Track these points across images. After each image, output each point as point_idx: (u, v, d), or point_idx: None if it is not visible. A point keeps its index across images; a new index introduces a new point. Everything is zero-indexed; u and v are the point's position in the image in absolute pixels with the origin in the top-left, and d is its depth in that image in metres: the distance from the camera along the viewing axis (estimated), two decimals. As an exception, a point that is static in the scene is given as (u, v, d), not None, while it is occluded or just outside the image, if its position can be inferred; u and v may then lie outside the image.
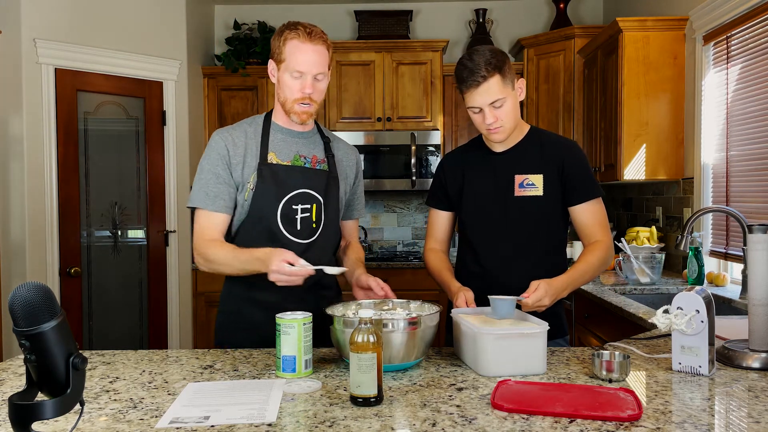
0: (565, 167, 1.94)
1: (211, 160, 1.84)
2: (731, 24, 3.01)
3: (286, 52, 1.79)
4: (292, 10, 4.92)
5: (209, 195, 1.83)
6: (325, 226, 1.90)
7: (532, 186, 1.95)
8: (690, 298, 1.50)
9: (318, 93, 1.82)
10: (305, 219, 1.87)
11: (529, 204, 1.95)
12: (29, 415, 0.88)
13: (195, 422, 1.22)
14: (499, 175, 1.98)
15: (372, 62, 4.54)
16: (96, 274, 3.90)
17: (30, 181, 3.54)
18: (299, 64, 1.77)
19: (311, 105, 1.82)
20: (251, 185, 1.84)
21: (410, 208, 4.99)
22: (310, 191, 1.87)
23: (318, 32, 1.80)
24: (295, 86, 1.79)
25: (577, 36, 4.13)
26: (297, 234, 1.86)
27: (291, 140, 1.89)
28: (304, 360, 1.52)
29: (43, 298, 0.88)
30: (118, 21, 3.95)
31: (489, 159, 2.00)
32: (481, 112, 1.86)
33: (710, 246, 3.25)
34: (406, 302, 1.77)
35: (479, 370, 1.53)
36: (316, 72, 1.79)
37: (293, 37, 1.78)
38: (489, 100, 1.83)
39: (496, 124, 1.86)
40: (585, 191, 1.94)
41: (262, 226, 1.84)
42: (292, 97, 1.81)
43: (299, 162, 1.89)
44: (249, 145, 1.86)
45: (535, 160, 1.96)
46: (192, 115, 4.40)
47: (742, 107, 3.01)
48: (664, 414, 1.24)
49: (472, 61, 1.83)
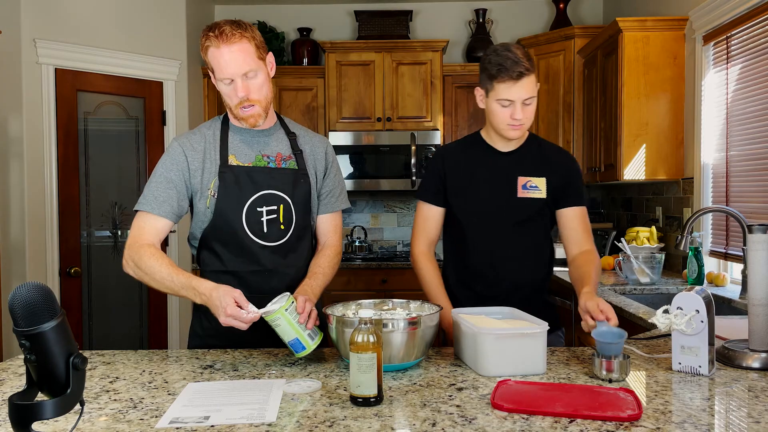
0: (566, 175, 2.00)
1: (166, 166, 1.78)
2: (731, 24, 3.01)
3: (209, 61, 1.71)
4: (293, 10, 4.92)
5: (157, 199, 1.75)
6: (296, 227, 1.82)
7: (535, 188, 1.97)
8: (690, 298, 1.50)
9: (256, 91, 1.73)
10: (272, 221, 1.79)
11: (531, 205, 1.98)
12: (29, 415, 0.88)
13: (195, 422, 1.22)
14: (504, 175, 1.99)
15: (372, 62, 4.54)
16: (96, 274, 3.90)
17: (30, 181, 3.54)
18: (222, 70, 1.68)
19: (254, 106, 1.73)
20: (212, 191, 1.77)
21: (410, 208, 4.99)
22: (275, 192, 1.79)
23: (229, 30, 1.67)
24: (230, 92, 1.72)
25: (577, 36, 4.13)
26: (265, 237, 1.78)
27: (251, 140, 1.82)
28: (307, 335, 1.57)
29: (43, 298, 0.88)
30: (118, 21, 3.95)
31: (493, 158, 2.00)
32: (512, 105, 1.85)
33: (710, 246, 3.24)
34: (406, 302, 1.77)
35: (479, 370, 1.53)
36: (242, 72, 1.69)
37: (209, 45, 1.69)
38: (525, 95, 1.84)
39: (521, 121, 1.87)
40: (579, 197, 2.02)
41: (228, 232, 1.77)
42: (232, 103, 1.74)
43: (262, 162, 1.81)
44: (208, 149, 1.79)
45: (538, 164, 1.99)
46: (192, 115, 4.40)
47: (742, 107, 3.01)
48: (664, 414, 1.24)
49: (512, 53, 1.82)
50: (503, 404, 1.28)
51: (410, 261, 2.09)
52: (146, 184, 1.80)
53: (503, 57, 1.82)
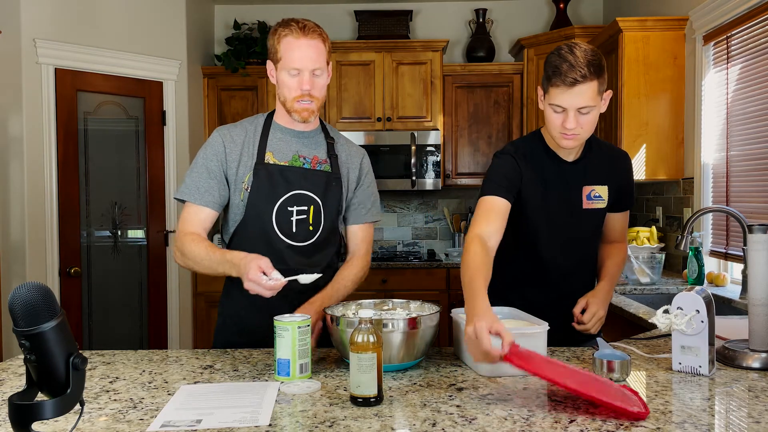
0: (621, 179, 1.96)
1: (206, 156, 1.82)
2: (731, 24, 3.01)
3: (281, 50, 1.75)
4: (292, 10, 4.91)
5: (199, 189, 1.80)
6: (324, 229, 1.85)
7: (599, 198, 1.91)
8: (690, 298, 1.50)
9: (318, 89, 1.78)
10: (302, 221, 1.82)
11: (595, 216, 1.93)
12: (29, 415, 0.88)
13: (187, 426, 1.20)
14: (571, 186, 1.89)
15: (372, 62, 4.53)
16: (96, 274, 3.90)
17: (30, 181, 3.54)
18: (295, 60, 1.73)
19: (312, 102, 1.78)
20: (246, 185, 1.81)
21: (410, 208, 4.99)
22: (307, 192, 1.82)
23: (312, 26, 1.76)
24: (293, 84, 1.76)
25: (577, 36, 4.13)
26: (293, 237, 1.81)
27: (290, 140, 1.86)
28: (299, 364, 1.48)
29: (43, 298, 0.88)
30: (118, 21, 3.95)
31: (561, 168, 1.88)
32: (564, 112, 1.70)
33: (710, 246, 3.24)
34: (406, 302, 1.77)
35: (479, 370, 1.53)
36: (313, 67, 1.74)
37: (287, 34, 1.74)
38: (579, 103, 1.68)
39: (574, 131, 1.72)
40: (629, 200, 2.02)
41: (258, 228, 1.80)
42: (291, 95, 1.77)
43: (298, 162, 1.84)
44: (247, 143, 1.83)
45: (603, 172, 1.91)
46: (192, 115, 4.40)
47: (742, 107, 3.01)
48: (664, 414, 1.24)
49: (573, 55, 1.66)
50: (514, 359, 1.28)
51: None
52: (187, 172, 1.85)
53: (562, 59, 1.67)
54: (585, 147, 1.90)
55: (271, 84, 4.56)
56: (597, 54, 1.70)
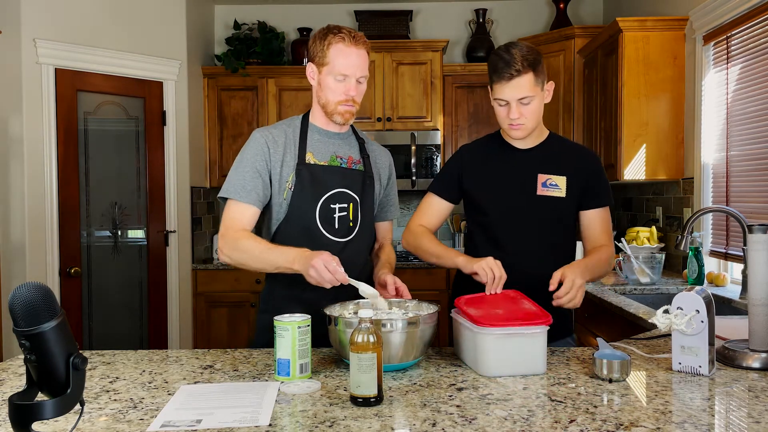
0: (587, 174, 1.99)
1: (252, 155, 1.87)
2: (731, 24, 3.01)
3: (330, 55, 1.83)
4: (293, 10, 4.92)
5: (246, 188, 1.85)
6: (362, 225, 1.94)
7: (555, 187, 1.97)
8: (690, 298, 1.50)
9: (359, 95, 1.88)
10: (343, 218, 1.90)
11: (550, 204, 1.97)
12: (29, 415, 0.88)
13: (187, 426, 1.20)
14: (522, 172, 1.99)
15: (372, 62, 4.53)
16: (96, 274, 3.90)
17: (30, 181, 3.54)
18: (344, 67, 1.82)
19: (353, 106, 1.88)
20: (290, 185, 1.87)
21: (410, 208, 4.98)
22: (347, 191, 1.91)
23: (361, 37, 1.86)
24: (339, 89, 1.84)
25: (577, 36, 4.13)
26: (335, 233, 1.89)
27: (328, 141, 1.93)
28: (299, 364, 1.49)
29: (43, 298, 0.88)
30: (118, 21, 3.95)
31: (512, 155, 2.01)
32: (507, 105, 1.88)
33: (710, 246, 3.24)
34: (403, 302, 1.76)
35: (479, 370, 1.53)
36: (359, 75, 1.84)
37: (338, 42, 1.83)
38: (518, 95, 1.85)
39: (519, 121, 1.89)
40: (600, 198, 2.01)
41: (302, 226, 1.87)
42: (336, 99, 1.85)
43: (336, 162, 1.92)
44: (288, 144, 1.90)
45: (558, 163, 1.99)
46: (192, 115, 4.40)
47: (742, 107, 3.01)
48: (664, 414, 1.24)
49: (509, 54, 1.84)
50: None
51: (401, 240, 2.11)
52: (231, 171, 1.89)
53: (499, 57, 1.86)
54: (545, 139, 2.02)
55: (271, 84, 4.60)
56: (532, 50, 1.87)
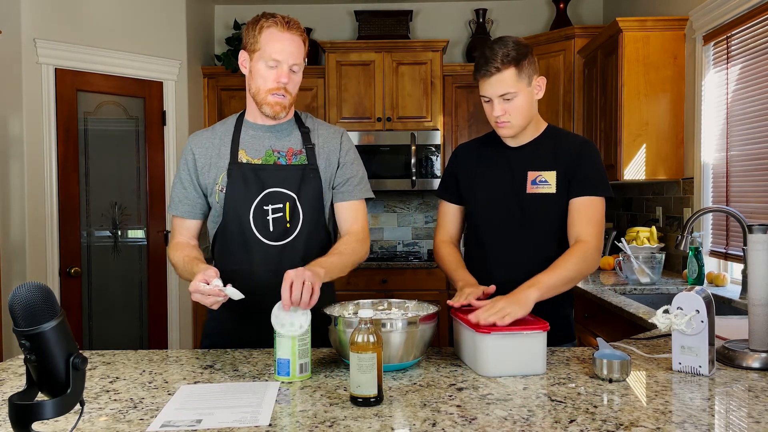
0: (575, 163, 1.89)
1: (180, 165, 1.89)
2: (731, 24, 3.01)
3: (261, 40, 1.75)
4: (292, 10, 4.92)
5: (174, 201, 1.88)
6: (303, 224, 1.82)
7: (545, 183, 1.91)
8: (690, 298, 1.50)
9: (293, 85, 1.79)
10: (278, 219, 1.80)
11: (541, 201, 1.90)
12: (29, 415, 0.88)
13: (187, 426, 1.20)
14: (513, 171, 1.94)
15: (372, 62, 4.53)
16: (96, 274, 3.90)
17: (30, 181, 3.54)
18: (276, 52, 1.73)
19: (285, 97, 1.78)
20: (220, 186, 1.82)
21: (410, 208, 4.99)
22: (281, 189, 1.80)
23: (295, 22, 1.78)
24: (270, 76, 1.75)
25: (577, 36, 4.13)
26: (269, 236, 1.80)
27: (262, 135, 1.84)
28: (299, 364, 1.49)
29: (43, 298, 0.88)
30: (119, 21, 3.95)
31: (504, 154, 1.97)
32: (491, 102, 1.86)
33: (710, 246, 3.24)
34: (404, 302, 1.76)
35: (479, 370, 1.53)
36: (292, 62, 1.75)
37: (270, 26, 1.74)
38: (499, 91, 1.82)
39: (503, 118, 1.85)
40: (586, 186, 1.87)
41: (236, 229, 1.80)
42: (266, 87, 1.76)
43: (272, 158, 1.83)
44: (218, 145, 1.84)
45: (549, 157, 1.92)
46: (192, 115, 4.40)
47: (742, 107, 3.01)
48: (664, 414, 1.24)
49: (491, 50, 1.82)
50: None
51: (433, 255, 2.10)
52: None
53: (481, 55, 1.84)
54: (539, 135, 1.96)
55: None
56: (518, 45, 1.83)
